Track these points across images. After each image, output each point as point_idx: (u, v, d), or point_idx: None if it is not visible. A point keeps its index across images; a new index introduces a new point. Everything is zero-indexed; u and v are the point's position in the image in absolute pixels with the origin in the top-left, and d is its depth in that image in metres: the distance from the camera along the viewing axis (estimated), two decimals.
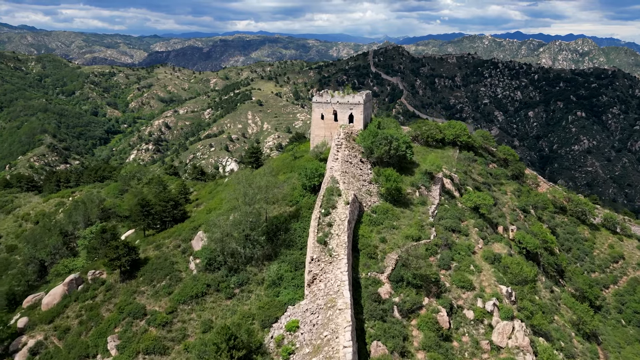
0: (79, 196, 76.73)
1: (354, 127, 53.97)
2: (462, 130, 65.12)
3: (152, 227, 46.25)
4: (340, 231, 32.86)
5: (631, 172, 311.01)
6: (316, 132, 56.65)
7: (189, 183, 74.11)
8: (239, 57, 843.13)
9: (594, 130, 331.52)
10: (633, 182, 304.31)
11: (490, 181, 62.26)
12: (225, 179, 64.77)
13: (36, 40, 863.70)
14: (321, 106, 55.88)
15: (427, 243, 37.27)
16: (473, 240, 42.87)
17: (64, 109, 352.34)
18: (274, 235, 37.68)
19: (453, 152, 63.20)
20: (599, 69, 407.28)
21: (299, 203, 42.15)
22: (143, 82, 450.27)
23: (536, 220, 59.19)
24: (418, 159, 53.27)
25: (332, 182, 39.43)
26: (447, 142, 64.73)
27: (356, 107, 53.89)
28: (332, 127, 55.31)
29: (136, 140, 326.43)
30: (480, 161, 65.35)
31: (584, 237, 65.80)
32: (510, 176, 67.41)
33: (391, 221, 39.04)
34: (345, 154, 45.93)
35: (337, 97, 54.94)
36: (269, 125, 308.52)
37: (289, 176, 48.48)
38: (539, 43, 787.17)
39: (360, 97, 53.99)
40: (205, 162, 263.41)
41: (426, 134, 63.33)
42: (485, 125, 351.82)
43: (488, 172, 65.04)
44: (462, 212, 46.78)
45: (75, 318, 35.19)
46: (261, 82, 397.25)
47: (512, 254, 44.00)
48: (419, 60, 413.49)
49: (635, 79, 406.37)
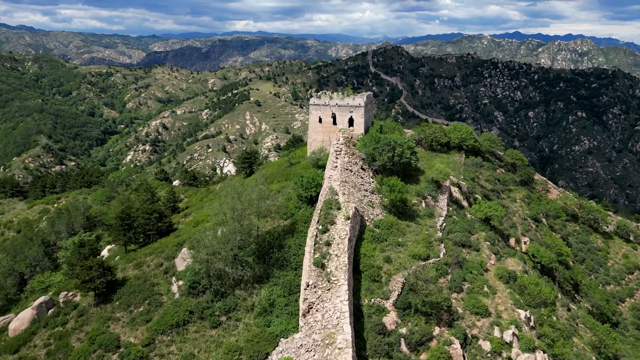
0: (64, 203, 72.77)
1: (354, 132, 50.17)
2: (468, 133, 61.45)
3: (134, 242, 42.32)
4: (340, 251, 29.07)
5: (632, 173, 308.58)
6: (313, 136, 52.83)
7: (180, 189, 70.21)
8: (237, 57, 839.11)
9: (594, 130, 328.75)
10: (634, 183, 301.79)
11: (499, 188, 58.63)
12: (218, 185, 60.86)
13: (34, 41, 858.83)
14: (319, 109, 52.05)
15: (436, 262, 33.49)
16: (485, 256, 39.13)
17: (60, 110, 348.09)
18: (265, 253, 33.81)
19: (459, 157, 59.53)
20: (599, 69, 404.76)
21: (295, 216, 38.31)
22: (140, 82, 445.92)
23: (548, 229, 55.54)
24: (423, 165, 49.56)
25: (330, 193, 35.64)
26: (452, 146, 61.09)
27: (356, 110, 50.11)
28: (331, 131, 51.49)
29: (133, 141, 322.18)
30: (487, 166, 61.70)
31: (597, 247, 62.24)
32: (518, 182, 63.82)
33: (396, 237, 35.25)
34: (344, 161, 42.17)
35: (336, 99, 51.11)
36: (267, 125, 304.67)
37: (283, 185, 44.63)
38: (538, 43, 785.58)
39: (361, 99, 50.19)
40: (203, 163, 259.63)
41: (430, 137, 59.74)
42: (485, 125, 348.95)
43: (496, 177, 61.41)
44: (472, 224, 43.05)
45: (43, 347, 31.38)
46: (259, 82, 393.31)
47: (527, 270, 40.28)
48: (419, 60, 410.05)
49: (636, 79, 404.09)
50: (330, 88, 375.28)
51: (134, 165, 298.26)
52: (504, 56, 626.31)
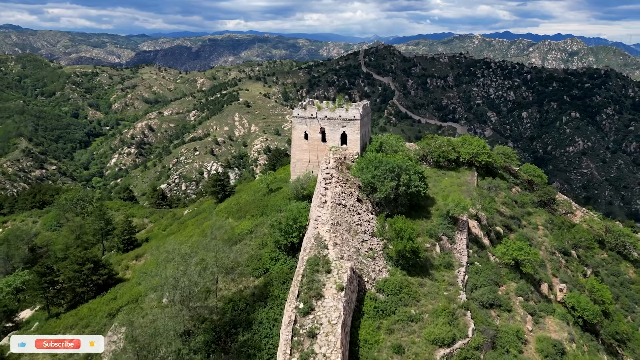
0: (9, 227, 62.23)
1: (348, 150, 40.57)
2: (480, 147, 52.41)
3: (56, 304, 32.39)
4: (330, 349, 19.67)
5: (627, 174, 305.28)
6: (298, 155, 42.89)
7: (145, 211, 60.01)
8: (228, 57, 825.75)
9: (588, 131, 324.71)
10: (629, 184, 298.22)
11: (518, 212, 49.70)
12: (186, 211, 50.97)
13: (21, 40, 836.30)
14: (304, 122, 42.18)
15: (463, 348, 24.26)
16: (519, 319, 30.09)
17: (43, 111, 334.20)
18: (226, 335, 24.25)
19: (470, 176, 50.55)
20: (591, 69, 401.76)
21: (269, 272, 28.75)
22: (127, 82, 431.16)
23: (579, 264, 46.84)
24: (431, 187, 40.49)
25: (317, 246, 26.20)
26: (461, 161, 52.31)
27: (350, 124, 40.52)
28: (319, 149, 41.78)
29: (118, 144, 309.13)
30: (502, 185, 52.89)
31: (630, 279, 53.83)
32: (537, 202, 55.34)
33: (407, 307, 25.90)
34: (336, 192, 32.75)
35: (326, 111, 41.35)
36: (257, 127, 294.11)
37: (258, 222, 34.98)
38: (529, 43, 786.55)
39: (356, 111, 40.51)
40: (189, 167, 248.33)
41: (437, 152, 50.67)
42: (478, 126, 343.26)
43: (513, 199, 52.59)
44: (498, 271, 34.01)
45: None
46: (249, 82, 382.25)
47: (573, 337, 31.34)
48: (411, 60, 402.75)
49: (628, 78, 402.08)
50: (321, 88, 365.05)
51: (119, 168, 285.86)
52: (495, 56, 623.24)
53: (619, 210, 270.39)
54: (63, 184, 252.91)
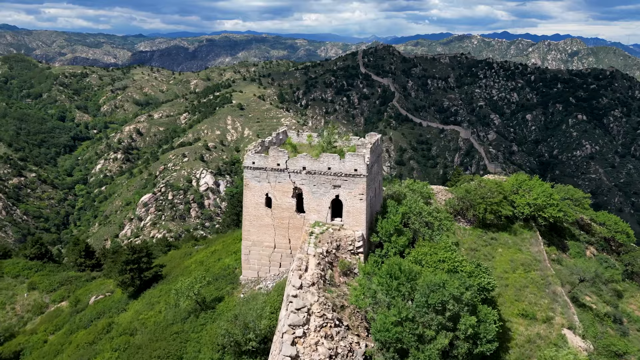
0: None
1: (346, 231, 23.76)
2: (546, 196, 36.89)
3: None
4: None
5: (637, 179, 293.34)
6: (255, 234, 25.01)
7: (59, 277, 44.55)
8: (225, 58, 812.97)
9: (595, 134, 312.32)
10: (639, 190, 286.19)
11: (607, 297, 33.95)
12: (92, 298, 35.94)
13: (16, 40, 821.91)
14: (265, 176, 24.47)
15: None
16: None
17: (26, 114, 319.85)
18: None
19: (533, 241, 34.90)
20: (597, 70, 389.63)
21: None
22: (118, 83, 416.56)
23: None
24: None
25: None
26: (516, 215, 37.68)
27: (349, 183, 23.29)
28: (292, 225, 24.70)
29: (104, 149, 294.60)
30: (573, 250, 37.70)
31: None
32: (626, 274, 39.95)
33: None
34: (320, 353, 16.31)
35: (303, 159, 23.85)
36: (251, 131, 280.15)
37: None
38: (528, 43, 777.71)
39: (360, 159, 23.03)
40: (177, 174, 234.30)
41: (482, 205, 35.44)
42: (481, 129, 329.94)
43: None
44: None
45: None
46: (243, 83, 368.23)
47: None
48: (411, 61, 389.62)
49: (634, 79, 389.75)
50: (318, 90, 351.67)
51: (104, 175, 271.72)
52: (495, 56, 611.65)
53: (630, 217, 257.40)
54: (43, 192, 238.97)
